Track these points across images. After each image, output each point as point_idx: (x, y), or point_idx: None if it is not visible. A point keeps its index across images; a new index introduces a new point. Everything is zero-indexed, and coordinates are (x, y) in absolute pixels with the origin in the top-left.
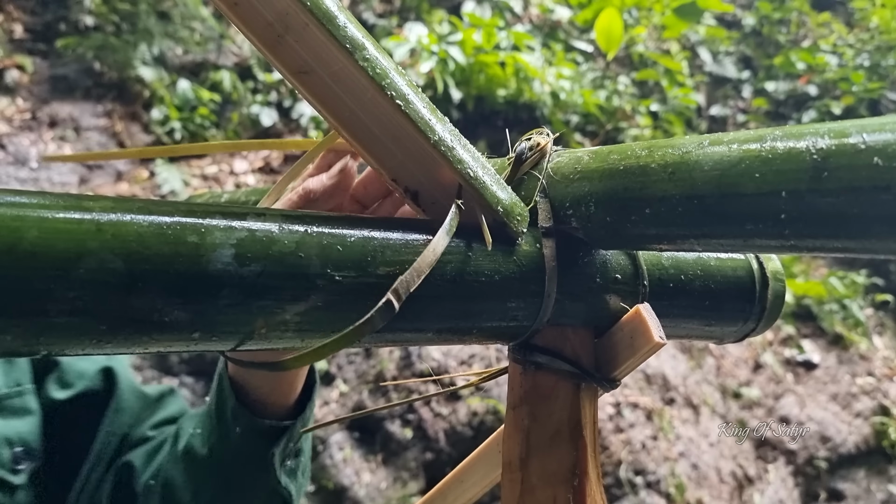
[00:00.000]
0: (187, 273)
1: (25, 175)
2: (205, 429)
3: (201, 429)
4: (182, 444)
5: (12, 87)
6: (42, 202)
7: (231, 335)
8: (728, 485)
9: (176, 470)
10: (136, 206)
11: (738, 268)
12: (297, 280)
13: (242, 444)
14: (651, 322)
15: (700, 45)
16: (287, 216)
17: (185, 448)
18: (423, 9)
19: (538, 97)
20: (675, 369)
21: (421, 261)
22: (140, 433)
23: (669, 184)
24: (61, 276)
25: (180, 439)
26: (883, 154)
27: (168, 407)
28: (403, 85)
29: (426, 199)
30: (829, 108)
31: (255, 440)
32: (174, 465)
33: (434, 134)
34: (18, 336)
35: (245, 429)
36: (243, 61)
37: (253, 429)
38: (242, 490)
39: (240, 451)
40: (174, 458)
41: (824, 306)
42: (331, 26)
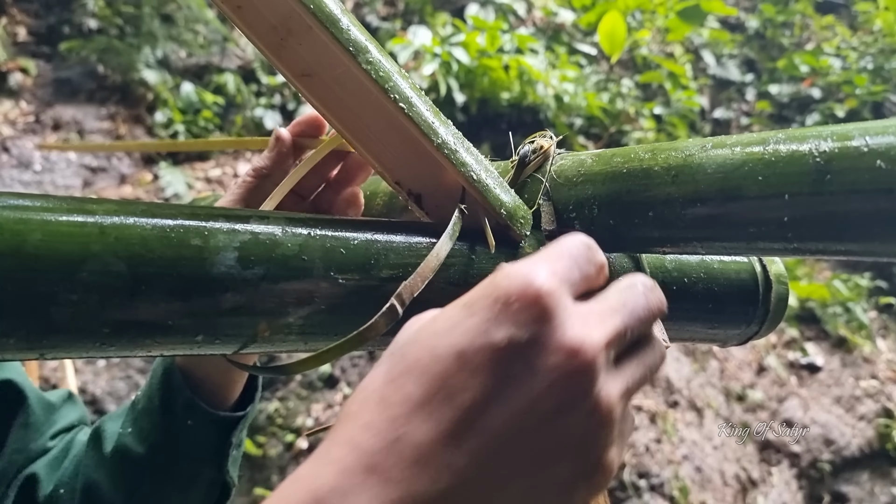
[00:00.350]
0: (190, 276)
1: (29, 178)
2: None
3: (133, 427)
4: (109, 446)
5: (16, 89)
6: (45, 205)
7: (234, 338)
8: (732, 488)
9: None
10: (140, 209)
11: (742, 271)
12: (300, 283)
13: (194, 437)
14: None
15: (704, 48)
16: (290, 219)
17: (115, 449)
18: (426, 12)
19: (542, 100)
20: (678, 372)
21: (424, 266)
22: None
23: (672, 187)
24: (65, 278)
25: (104, 441)
26: (886, 157)
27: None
28: (406, 88)
29: (429, 202)
30: (832, 110)
31: (208, 432)
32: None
33: (437, 137)
34: (22, 339)
35: (199, 421)
36: (247, 64)
37: (208, 420)
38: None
39: (189, 444)
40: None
41: (828, 309)
42: (334, 29)
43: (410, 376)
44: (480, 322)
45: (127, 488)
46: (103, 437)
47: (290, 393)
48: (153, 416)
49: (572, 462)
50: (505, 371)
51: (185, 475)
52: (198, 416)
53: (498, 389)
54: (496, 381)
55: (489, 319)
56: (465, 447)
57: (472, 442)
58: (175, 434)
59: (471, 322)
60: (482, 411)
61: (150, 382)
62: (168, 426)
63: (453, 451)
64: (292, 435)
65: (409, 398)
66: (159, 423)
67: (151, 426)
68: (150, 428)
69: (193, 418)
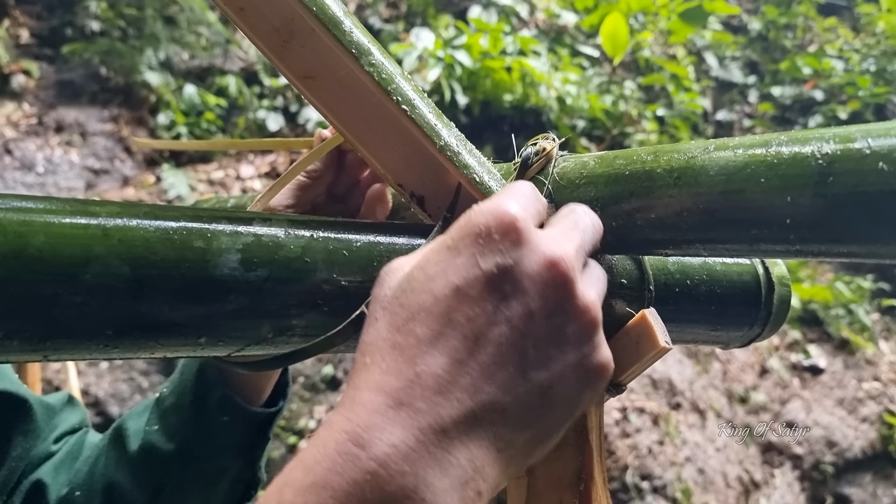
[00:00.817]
0: (193, 278)
1: (32, 180)
2: (169, 423)
3: (161, 424)
4: (134, 444)
5: (19, 92)
6: (49, 207)
7: (238, 340)
8: (734, 489)
9: (124, 472)
10: (143, 211)
11: (744, 273)
12: (303, 285)
13: (225, 434)
14: (657, 327)
15: (706, 50)
16: (293, 221)
17: (140, 447)
18: (429, 14)
19: (544, 102)
20: (681, 374)
21: None
22: (44, 449)
23: (675, 189)
24: (68, 280)
25: (128, 439)
26: (888, 159)
27: (68, 418)
28: (409, 90)
29: (432, 204)
30: (835, 112)
31: (242, 428)
32: (120, 467)
33: (440, 139)
34: (25, 341)
35: (234, 418)
36: (249, 66)
37: (243, 417)
38: (212, 481)
39: (221, 441)
40: (119, 461)
41: (830, 311)
42: (336, 31)
43: (416, 321)
44: (468, 258)
45: (152, 486)
46: (126, 435)
47: (293, 395)
48: (183, 412)
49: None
50: (499, 293)
51: (213, 472)
52: (233, 412)
53: (497, 309)
54: (493, 303)
55: (475, 254)
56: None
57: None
58: (207, 430)
59: (460, 260)
60: (486, 332)
61: (180, 379)
62: (200, 422)
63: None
64: (295, 437)
65: (420, 339)
66: (190, 420)
67: (181, 423)
68: (180, 424)
69: (229, 414)
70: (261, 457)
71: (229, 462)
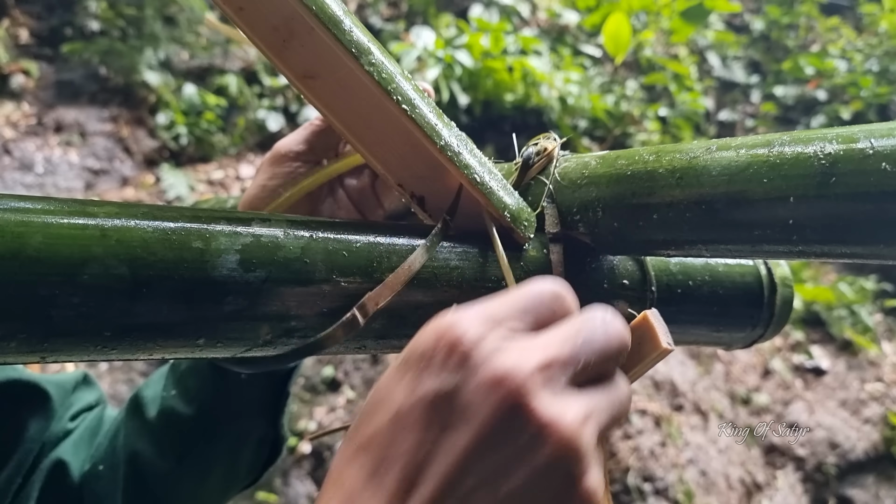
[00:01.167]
0: (192, 279)
1: (31, 180)
2: (187, 387)
3: (178, 388)
4: (153, 411)
5: (18, 92)
6: (47, 207)
7: (236, 341)
8: (737, 491)
9: (146, 441)
10: (141, 211)
11: (747, 273)
12: (302, 286)
13: (246, 392)
14: (659, 328)
15: (708, 50)
16: (292, 221)
17: (160, 413)
18: (430, 13)
19: (546, 102)
20: (683, 375)
21: (395, 277)
22: (60, 427)
23: (677, 189)
24: (66, 281)
25: (146, 407)
26: (891, 159)
27: (83, 396)
28: (409, 90)
29: (433, 204)
30: (837, 112)
31: (262, 385)
32: (141, 436)
33: (440, 139)
34: (23, 342)
35: (251, 376)
36: (249, 66)
37: (261, 374)
38: (236, 443)
39: (243, 399)
40: (140, 430)
41: (833, 312)
42: (336, 31)
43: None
44: (410, 380)
45: (175, 452)
46: (143, 403)
47: (293, 396)
48: (201, 373)
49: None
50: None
51: (236, 433)
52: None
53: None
54: (431, 433)
55: (416, 376)
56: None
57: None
58: (226, 391)
59: (402, 383)
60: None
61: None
62: (218, 383)
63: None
64: (295, 438)
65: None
66: (209, 381)
67: (199, 385)
68: (198, 386)
69: (247, 371)
70: (282, 414)
71: (251, 422)
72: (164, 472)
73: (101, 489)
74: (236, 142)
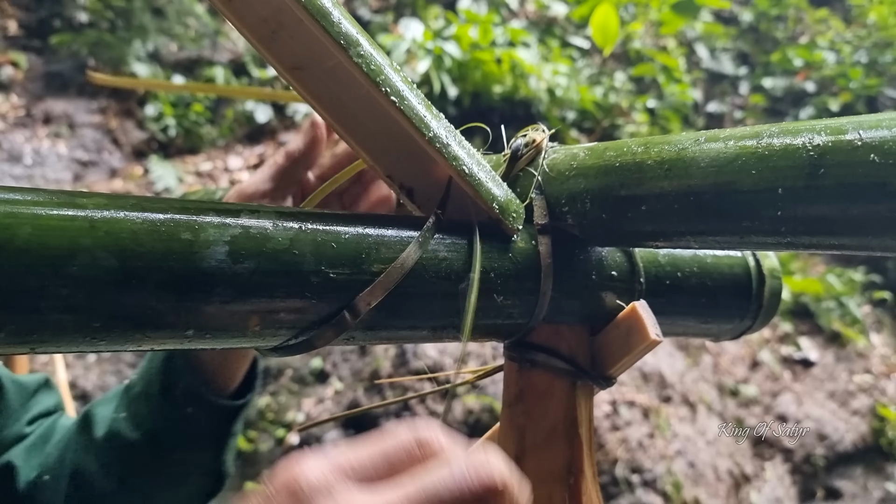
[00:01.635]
0: (181, 270)
1: (20, 172)
2: (137, 411)
3: (128, 412)
4: (101, 431)
5: (6, 83)
6: (35, 199)
7: (225, 333)
8: (725, 483)
9: (91, 458)
10: (130, 202)
11: (735, 265)
12: (291, 277)
13: (192, 425)
14: (647, 319)
15: (697, 42)
16: (281, 213)
17: (107, 434)
18: (418, 5)
19: (534, 93)
20: (671, 367)
21: (387, 276)
22: (17, 430)
23: (665, 180)
24: (54, 273)
25: (94, 426)
26: (879, 151)
27: (43, 400)
28: (398, 81)
29: (421, 196)
30: (826, 104)
31: (208, 420)
32: (87, 453)
33: (429, 130)
34: (11, 333)
35: (200, 409)
36: (238, 57)
37: (208, 409)
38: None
39: (187, 431)
40: (87, 447)
41: (822, 304)
42: (325, 22)
43: None
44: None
45: (118, 474)
46: (93, 421)
47: (281, 388)
48: (150, 401)
49: None
50: None
51: (180, 463)
52: (199, 403)
53: None
54: None
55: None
56: None
57: None
58: (173, 420)
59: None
60: None
61: (148, 366)
62: (166, 412)
63: None
64: (283, 430)
65: None
66: (157, 409)
67: (148, 411)
68: (146, 413)
69: (194, 405)
70: (226, 450)
71: (196, 454)
72: (107, 492)
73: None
74: (224, 133)
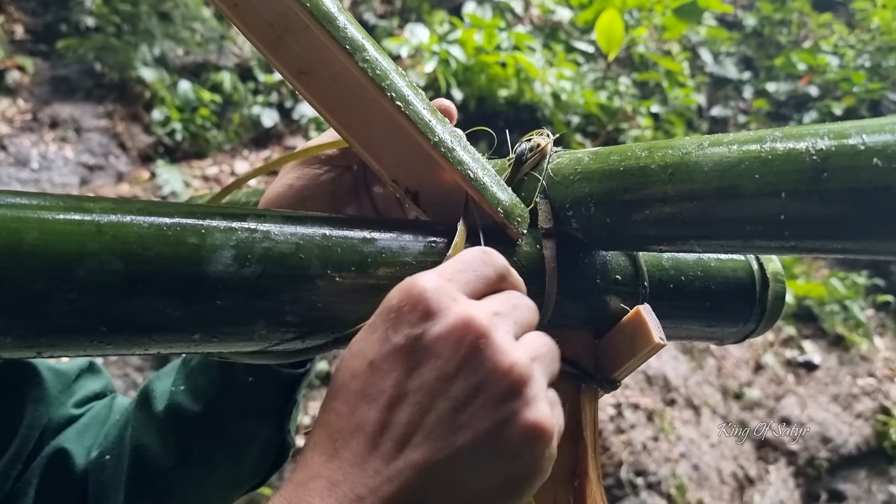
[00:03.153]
0: (187, 274)
1: (26, 176)
2: (196, 384)
3: (187, 384)
4: (161, 405)
5: (13, 88)
6: (43, 203)
7: (232, 336)
8: (729, 485)
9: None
10: (137, 207)
11: (739, 269)
12: (297, 281)
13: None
14: (651, 323)
15: (701, 46)
16: (287, 217)
17: (167, 408)
18: (423, 9)
19: (539, 98)
20: (676, 370)
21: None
22: (63, 413)
23: (669, 185)
24: (62, 277)
25: (154, 401)
26: (882, 155)
27: (87, 384)
28: (403, 86)
29: (427, 200)
30: (829, 108)
31: (270, 389)
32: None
33: (434, 135)
34: (19, 337)
35: (260, 378)
36: (244, 62)
37: (269, 378)
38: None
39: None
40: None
41: (825, 307)
42: (331, 27)
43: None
44: (381, 333)
45: (180, 449)
46: (152, 396)
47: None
48: (210, 371)
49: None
50: (411, 362)
51: (242, 434)
52: (259, 372)
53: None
54: (405, 372)
55: (387, 328)
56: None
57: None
58: (234, 391)
59: (374, 336)
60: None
61: None
62: (226, 383)
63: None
64: None
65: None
66: (217, 380)
67: (208, 382)
68: (207, 384)
69: (254, 375)
70: (289, 419)
71: (257, 425)
72: (168, 467)
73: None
74: (231, 138)
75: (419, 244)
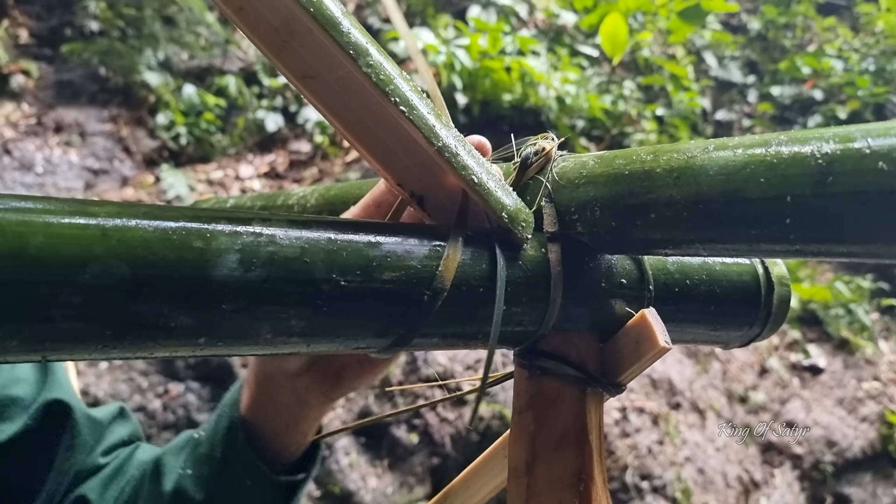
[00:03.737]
0: (192, 278)
1: (31, 180)
2: (201, 473)
3: (194, 470)
4: (169, 484)
5: (18, 92)
6: (47, 207)
7: (237, 341)
8: (734, 489)
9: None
10: (142, 211)
11: (744, 272)
12: (302, 285)
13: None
14: (656, 327)
15: (705, 50)
16: (292, 221)
17: (174, 489)
18: (428, 14)
19: (544, 102)
20: (681, 374)
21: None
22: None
23: (674, 189)
24: (67, 281)
25: (164, 477)
26: (888, 159)
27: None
28: (408, 90)
29: (432, 204)
30: (834, 112)
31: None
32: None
33: (438, 140)
34: (24, 341)
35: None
36: (248, 66)
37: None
38: None
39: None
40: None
41: (830, 311)
42: (334, 32)
43: None
44: None
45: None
46: (163, 472)
47: None
48: (213, 466)
49: None
50: None
51: None
52: (257, 478)
53: None
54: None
55: None
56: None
57: None
58: (234, 489)
59: None
60: None
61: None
62: (227, 480)
63: None
64: None
65: None
66: (218, 475)
67: (210, 475)
68: (209, 477)
69: (253, 480)
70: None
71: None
72: None
73: None
74: (235, 142)
75: (424, 248)
